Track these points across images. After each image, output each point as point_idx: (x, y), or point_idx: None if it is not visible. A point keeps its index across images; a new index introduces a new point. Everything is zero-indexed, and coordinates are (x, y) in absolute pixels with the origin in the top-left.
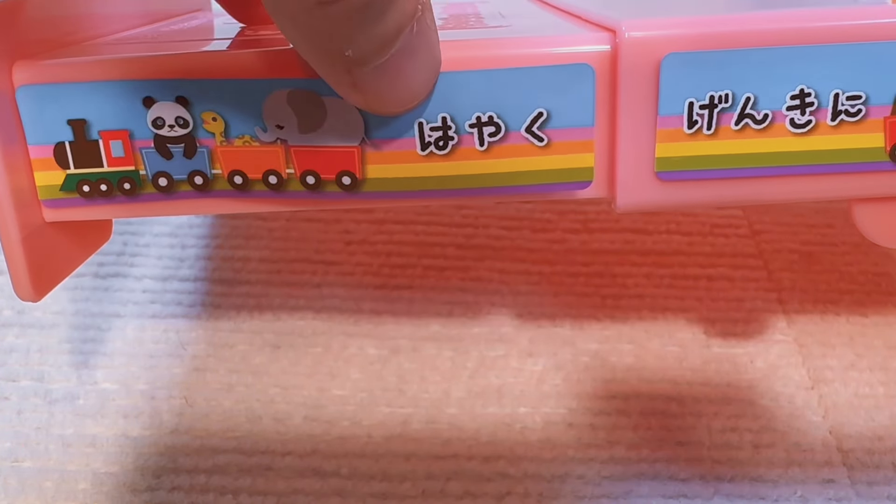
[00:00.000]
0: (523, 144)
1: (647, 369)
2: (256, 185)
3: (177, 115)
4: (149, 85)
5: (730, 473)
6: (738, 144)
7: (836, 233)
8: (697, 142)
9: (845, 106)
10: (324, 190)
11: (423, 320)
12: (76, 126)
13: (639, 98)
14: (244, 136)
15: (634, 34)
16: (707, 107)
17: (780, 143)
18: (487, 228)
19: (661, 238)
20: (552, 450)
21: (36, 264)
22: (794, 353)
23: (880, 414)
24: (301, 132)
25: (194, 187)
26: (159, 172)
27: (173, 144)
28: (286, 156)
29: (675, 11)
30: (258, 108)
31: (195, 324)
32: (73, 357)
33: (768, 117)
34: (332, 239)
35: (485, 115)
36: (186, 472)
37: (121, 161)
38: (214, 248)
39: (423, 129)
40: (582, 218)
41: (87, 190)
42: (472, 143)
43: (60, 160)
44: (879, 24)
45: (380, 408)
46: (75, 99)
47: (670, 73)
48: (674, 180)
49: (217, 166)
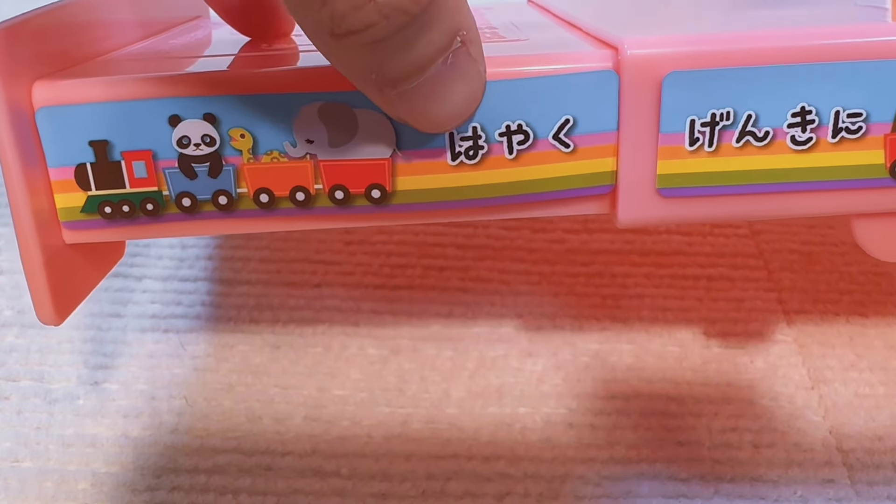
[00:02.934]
0: (550, 151)
1: (647, 369)
2: (283, 203)
3: (203, 132)
4: (175, 103)
5: (730, 473)
6: (740, 161)
7: (836, 233)
8: (699, 159)
9: (846, 123)
10: (352, 205)
11: (423, 320)
12: (98, 147)
13: (640, 115)
14: (272, 151)
15: (636, 52)
16: (708, 124)
17: (781, 160)
18: (487, 228)
19: (661, 238)
20: (552, 450)
21: (57, 287)
22: (794, 353)
23: (880, 414)
24: (332, 146)
25: (218, 207)
26: (183, 192)
27: (198, 164)
28: (315, 171)
29: (675, 23)
30: (289, 122)
31: (195, 324)
32: (73, 357)
33: (769, 134)
34: (332, 239)
35: (514, 124)
36: (186, 472)
37: (144, 182)
38: (214, 248)
39: (454, 139)
40: (582, 218)
41: (109, 211)
42: (502, 151)
43: (81, 182)
44: (880, 42)
45: (380, 408)
46: (97, 120)
47: (672, 90)
48: (675, 197)
49: (243, 185)
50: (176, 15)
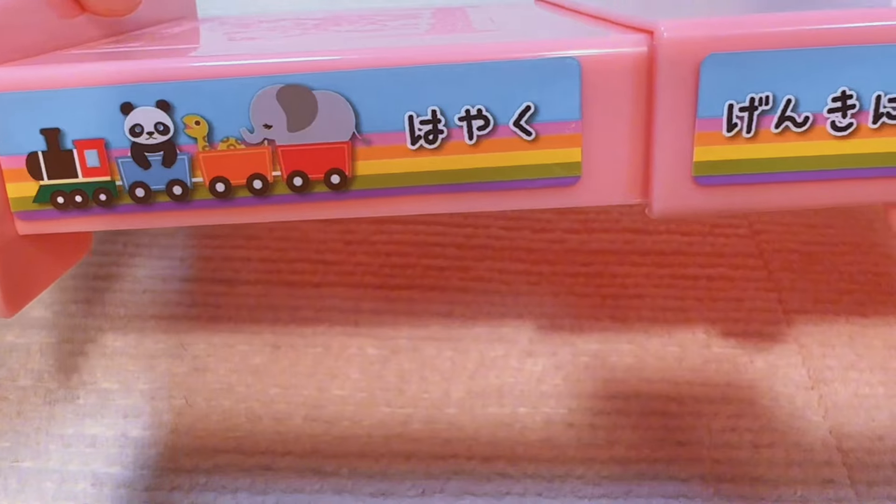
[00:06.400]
0: (511, 138)
1: (647, 369)
2: (240, 192)
3: (157, 120)
4: (127, 90)
5: (730, 473)
6: (778, 148)
7: (836, 233)
8: (737, 145)
9: (887, 108)
10: (311, 191)
11: (423, 320)
12: (49, 135)
13: (677, 100)
14: (229, 138)
15: (673, 35)
16: (747, 109)
17: (820, 147)
18: (487, 228)
19: (661, 238)
20: (552, 450)
21: (9, 278)
22: (794, 353)
23: (880, 414)
24: (290, 130)
25: (173, 198)
26: (136, 182)
27: (151, 153)
28: (273, 157)
29: (705, 13)
30: (245, 107)
31: (195, 324)
32: (73, 357)
33: (809, 120)
34: (332, 239)
35: (474, 109)
36: (186, 472)
37: (96, 171)
38: (214, 248)
39: (413, 123)
40: (582, 218)
41: (62, 201)
42: (462, 136)
43: (33, 171)
44: None
45: (380, 408)
46: (48, 107)
47: (710, 74)
48: (712, 185)
49: (198, 174)
50: (158, 14)
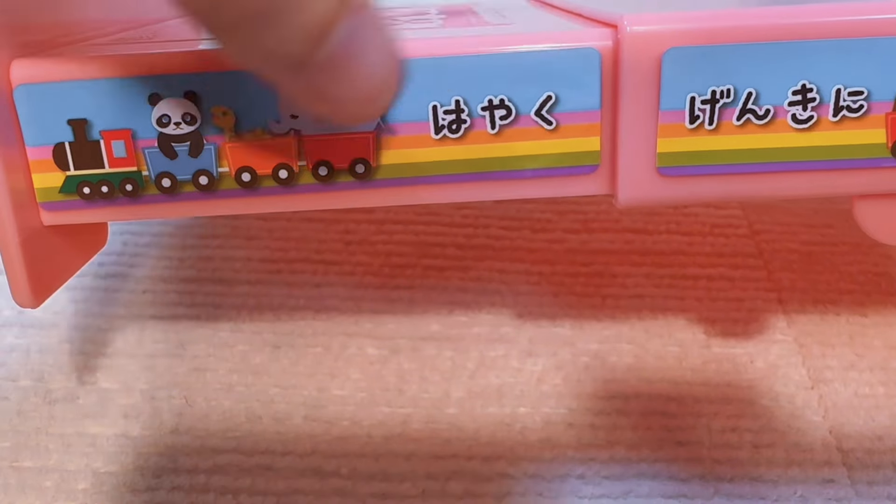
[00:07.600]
0: (532, 128)
1: (647, 369)
2: (265, 182)
3: (184, 111)
4: (155, 81)
5: (730, 473)
6: (740, 140)
7: (836, 233)
8: (699, 137)
9: (847, 102)
10: (336, 181)
11: (423, 320)
12: (76, 126)
13: (640, 93)
14: (256, 129)
15: (636, 28)
16: (709, 101)
17: (781, 139)
18: (487, 228)
19: (661, 238)
20: (552, 450)
21: (34, 269)
22: (794, 353)
23: (880, 414)
24: (316, 120)
25: (199, 188)
26: (163, 173)
27: (178, 143)
28: (298, 147)
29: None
30: (273, 98)
31: (195, 324)
32: (73, 357)
33: (770, 112)
34: (332, 239)
35: (496, 99)
36: (186, 472)
37: (123, 161)
38: (214, 248)
39: (437, 113)
40: (582, 218)
41: (88, 192)
42: (484, 126)
43: (60, 161)
44: (882, 19)
45: (380, 408)
46: (75, 98)
47: (672, 67)
48: (675, 175)
49: (224, 164)
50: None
